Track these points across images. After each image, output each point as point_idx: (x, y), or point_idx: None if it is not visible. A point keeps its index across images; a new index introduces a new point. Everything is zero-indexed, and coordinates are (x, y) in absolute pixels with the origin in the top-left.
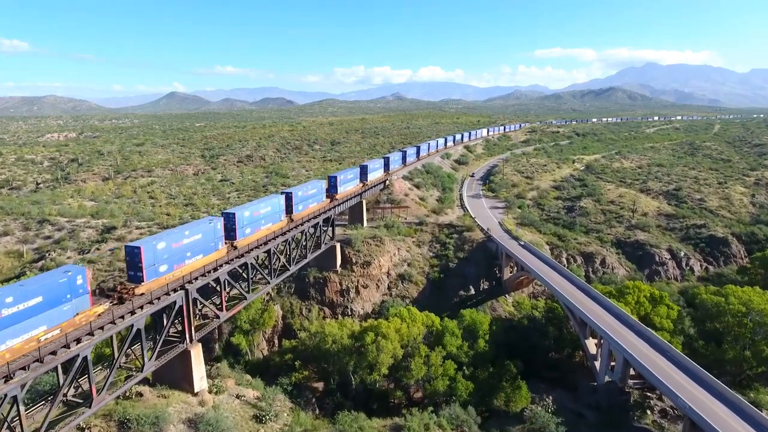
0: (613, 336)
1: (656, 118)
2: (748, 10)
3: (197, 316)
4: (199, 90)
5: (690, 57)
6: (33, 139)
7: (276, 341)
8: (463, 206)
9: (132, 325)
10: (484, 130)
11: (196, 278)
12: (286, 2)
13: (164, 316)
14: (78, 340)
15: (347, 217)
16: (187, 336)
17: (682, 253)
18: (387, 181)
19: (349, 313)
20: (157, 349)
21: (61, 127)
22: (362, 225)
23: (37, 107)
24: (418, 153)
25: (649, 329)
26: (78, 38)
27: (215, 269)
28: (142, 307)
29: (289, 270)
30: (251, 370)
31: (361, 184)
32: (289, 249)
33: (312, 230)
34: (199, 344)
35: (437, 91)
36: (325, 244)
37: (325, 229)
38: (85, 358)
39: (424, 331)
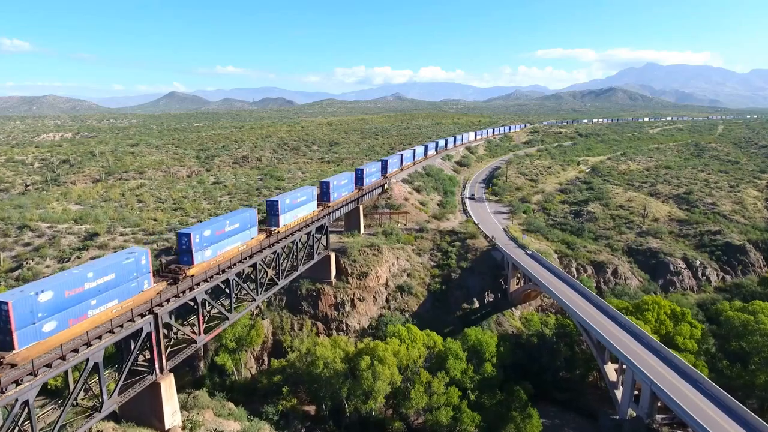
0: (638, 364)
1: (646, 118)
2: (748, 11)
3: (172, 339)
4: (199, 90)
5: (690, 57)
6: (28, 139)
7: (265, 359)
8: (465, 211)
9: (87, 359)
10: (472, 134)
11: (168, 300)
12: (288, 3)
13: (131, 341)
14: (17, 382)
15: (343, 223)
16: (157, 366)
17: (698, 262)
18: (386, 185)
19: (344, 329)
20: (120, 383)
21: (58, 127)
22: (359, 232)
23: (36, 107)
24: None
25: (677, 356)
26: (79, 38)
27: (198, 284)
28: (100, 337)
29: (277, 284)
30: (237, 392)
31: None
32: (279, 260)
33: (305, 238)
34: (171, 374)
35: (437, 91)
36: (319, 253)
37: (318, 237)
38: (26, 403)
39: (425, 353)
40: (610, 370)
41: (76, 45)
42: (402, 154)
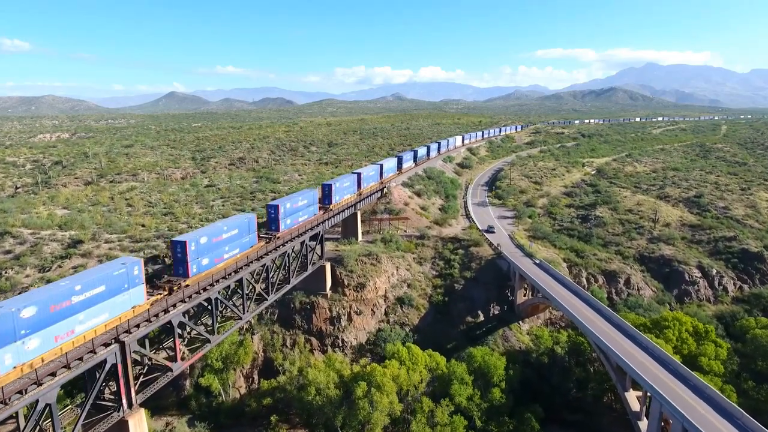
0: (667, 396)
1: (638, 119)
2: (748, 11)
3: (146, 366)
4: (199, 90)
5: (691, 57)
6: (25, 139)
7: (256, 377)
8: (468, 216)
9: (38, 400)
10: (459, 138)
11: (137, 325)
12: (288, 3)
13: (97, 372)
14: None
15: (340, 229)
16: (125, 401)
17: (714, 271)
18: (385, 189)
19: (340, 345)
20: (81, 421)
21: (55, 127)
22: (357, 239)
23: (35, 107)
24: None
25: (709, 386)
26: (79, 38)
27: (170, 308)
28: (54, 374)
29: (267, 300)
30: (225, 415)
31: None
32: (268, 273)
33: (298, 247)
34: (142, 410)
35: (437, 91)
36: (313, 264)
37: (312, 246)
38: None
39: (427, 376)
40: (632, 398)
41: (76, 45)
42: (360, 173)
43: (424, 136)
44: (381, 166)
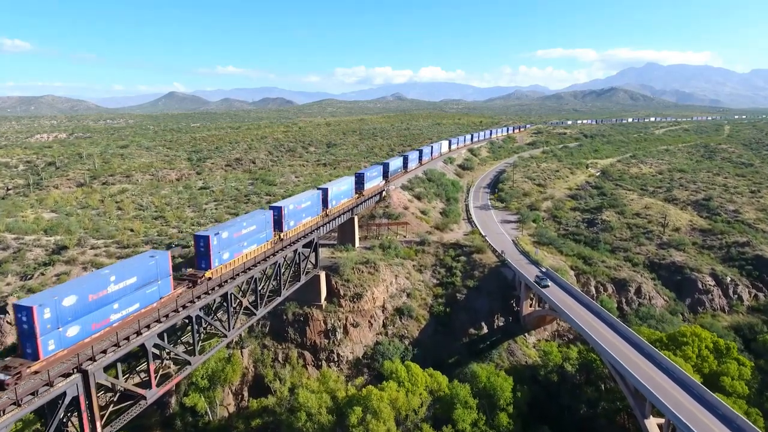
0: (697, 431)
1: (631, 119)
2: (748, 11)
3: (117, 393)
4: (199, 90)
5: (691, 57)
6: (21, 139)
7: (246, 394)
8: (470, 220)
9: None
10: (445, 144)
11: (104, 351)
12: (289, 3)
13: (59, 403)
14: None
15: (336, 235)
16: None
17: (728, 279)
18: (384, 192)
19: (335, 359)
20: None
21: (53, 127)
22: (353, 245)
23: (35, 107)
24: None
25: (740, 416)
26: (80, 38)
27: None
28: (2, 412)
29: (255, 315)
30: None
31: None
32: (257, 285)
33: (291, 255)
34: None
35: (437, 91)
36: (306, 274)
37: (306, 253)
38: None
39: (428, 399)
40: (653, 425)
41: (77, 45)
42: (281, 207)
43: (424, 137)
44: (326, 191)
